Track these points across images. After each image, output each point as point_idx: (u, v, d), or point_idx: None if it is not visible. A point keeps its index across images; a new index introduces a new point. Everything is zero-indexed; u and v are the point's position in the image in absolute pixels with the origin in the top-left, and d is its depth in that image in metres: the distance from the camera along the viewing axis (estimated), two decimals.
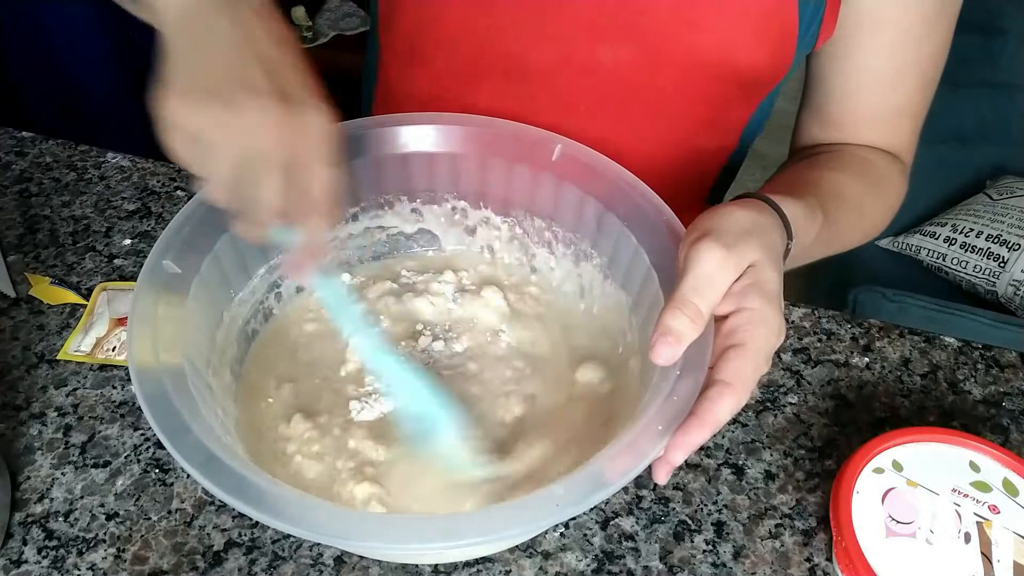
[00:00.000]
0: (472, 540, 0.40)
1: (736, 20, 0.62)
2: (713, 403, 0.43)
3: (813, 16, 0.63)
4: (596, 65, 0.66)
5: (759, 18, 0.62)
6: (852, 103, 0.70)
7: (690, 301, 0.44)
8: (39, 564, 0.54)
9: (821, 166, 0.68)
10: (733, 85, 0.67)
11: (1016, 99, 1.41)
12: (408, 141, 0.61)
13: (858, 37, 0.66)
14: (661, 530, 0.57)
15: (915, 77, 0.68)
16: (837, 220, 0.61)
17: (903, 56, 0.67)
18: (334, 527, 0.41)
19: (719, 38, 0.63)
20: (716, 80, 0.67)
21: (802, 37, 0.64)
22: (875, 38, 0.66)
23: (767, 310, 0.45)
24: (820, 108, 0.72)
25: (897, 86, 0.69)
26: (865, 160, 0.70)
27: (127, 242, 0.74)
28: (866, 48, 0.66)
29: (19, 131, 0.85)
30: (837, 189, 0.63)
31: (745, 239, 0.46)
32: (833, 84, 0.70)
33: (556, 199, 0.61)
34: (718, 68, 0.65)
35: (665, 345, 0.44)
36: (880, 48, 0.66)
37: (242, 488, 0.41)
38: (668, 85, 0.67)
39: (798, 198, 0.55)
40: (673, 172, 0.57)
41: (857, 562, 0.51)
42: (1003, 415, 0.65)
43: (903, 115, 0.71)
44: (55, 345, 0.66)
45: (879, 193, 0.69)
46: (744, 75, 0.66)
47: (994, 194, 1.37)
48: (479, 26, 0.67)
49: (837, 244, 0.66)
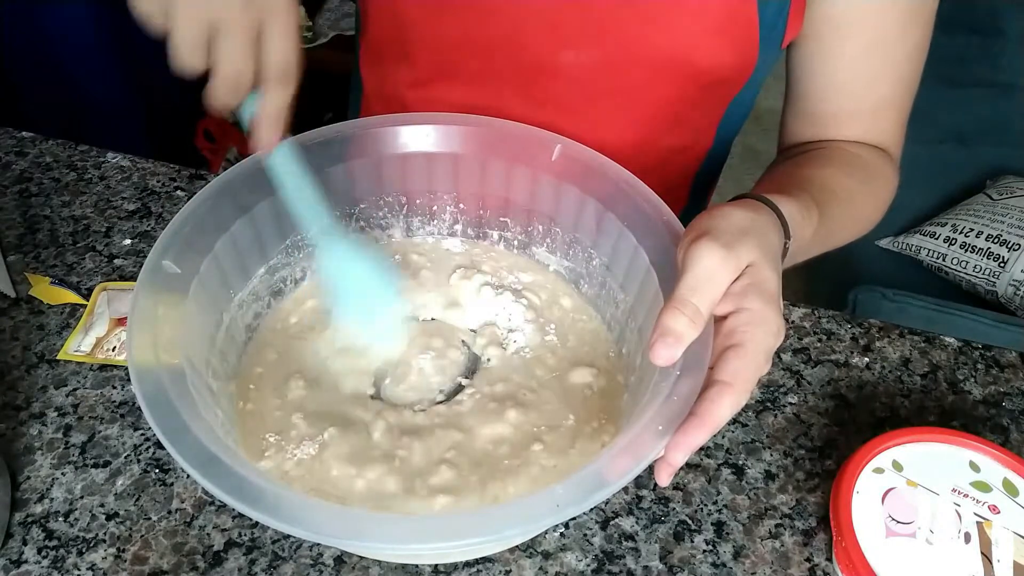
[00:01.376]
0: (471, 541, 0.40)
1: (696, 20, 0.63)
2: (713, 403, 0.43)
3: (777, 15, 0.64)
4: (560, 67, 0.67)
5: (719, 18, 0.63)
6: (833, 101, 0.70)
7: (689, 301, 0.44)
8: (39, 564, 0.54)
9: (810, 164, 0.68)
10: (697, 84, 0.68)
11: (1016, 99, 1.41)
12: (407, 141, 0.61)
13: (834, 37, 0.66)
14: (661, 530, 0.57)
15: (895, 74, 0.69)
16: (832, 216, 0.61)
17: (882, 54, 0.67)
18: (333, 527, 0.41)
19: (680, 38, 0.64)
20: (680, 80, 0.67)
21: (765, 36, 0.64)
22: (851, 38, 0.66)
23: (766, 310, 0.45)
24: (802, 106, 0.72)
25: (877, 83, 0.69)
26: (853, 155, 0.70)
27: (127, 242, 0.74)
28: (843, 47, 0.67)
29: (19, 131, 0.85)
30: (829, 185, 0.64)
31: (743, 239, 0.46)
32: (813, 83, 0.70)
33: (556, 199, 0.61)
34: (681, 68, 0.66)
35: (664, 346, 0.44)
36: (857, 47, 0.66)
37: (241, 488, 0.41)
38: (632, 86, 0.68)
39: (793, 197, 0.55)
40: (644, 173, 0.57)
41: (857, 562, 0.51)
42: (1003, 415, 0.65)
43: (886, 110, 0.71)
44: (55, 345, 0.66)
45: (870, 187, 0.69)
46: (708, 74, 0.67)
47: (994, 194, 1.37)
48: (445, 30, 0.68)
49: (832, 240, 0.66)
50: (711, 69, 0.66)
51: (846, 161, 0.69)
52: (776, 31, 0.65)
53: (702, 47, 0.64)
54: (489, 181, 0.63)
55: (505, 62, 0.68)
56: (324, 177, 0.60)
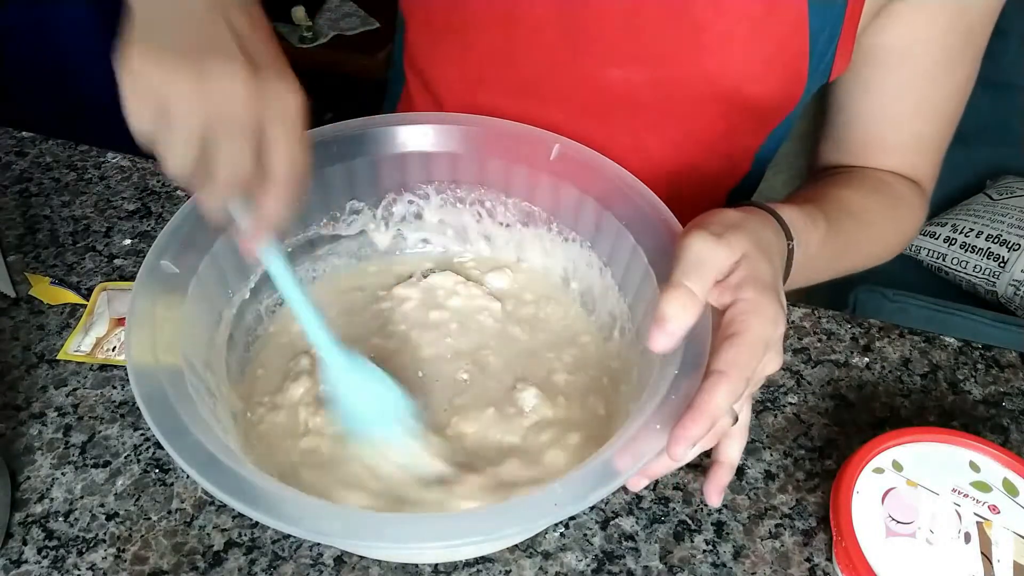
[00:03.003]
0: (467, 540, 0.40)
1: (746, 50, 0.62)
2: (707, 392, 0.43)
3: (826, 48, 0.63)
4: (607, 84, 0.66)
5: (770, 49, 0.62)
6: (872, 134, 0.70)
7: (681, 283, 0.44)
8: (39, 564, 0.54)
9: (831, 183, 0.68)
10: (744, 114, 0.67)
11: (1016, 99, 1.41)
12: (406, 140, 0.61)
13: (878, 71, 0.66)
14: (661, 530, 0.57)
15: (937, 110, 0.68)
16: (844, 231, 0.61)
17: (926, 91, 0.66)
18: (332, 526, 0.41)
19: (729, 67, 0.63)
20: (726, 108, 0.66)
21: (814, 69, 0.64)
22: (895, 73, 0.65)
23: (761, 299, 0.45)
24: (839, 137, 0.72)
25: (919, 120, 0.68)
26: (881, 180, 0.69)
27: (127, 242, 0.74)
28: (886, 82, 0.66)
29: (19, 131, 0.85)
30: (844, 203, 0.64)
31: (733, 230, 0.47)
32: (852, 114, 0.70)
33: (555, 198, 0.61)
34: (728, 97, 0.65)
35: (661, 331, 0.44)
36: (900, 83, 0.66)
37: (242, 488, 0.41)
38: (678, 110, 0.67)
39: (796, 205, 0.56)
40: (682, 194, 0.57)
41: (857, 562, 0.51)
42: (1003, 415, 0.65)
43: (924, 146, 0.70)
44: (55, 345, 0.66)
45: (893, 213, 0.69)
46: (754, 105, 0.66)
47: (994, 194, 1.37)
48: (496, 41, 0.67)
49: (848, 259, 0.66)
50: (758, 99, 0.65)
51: (871, 185, 0.68)
52: (824, 63, 0.64)
53: (751, 77, 0.63)
54: (488, 180, 0.63)
55: (552, 74, 0.67)
56: (323, 177, 0.60)
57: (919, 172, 0.72)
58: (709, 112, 0.67)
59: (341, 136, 0.60)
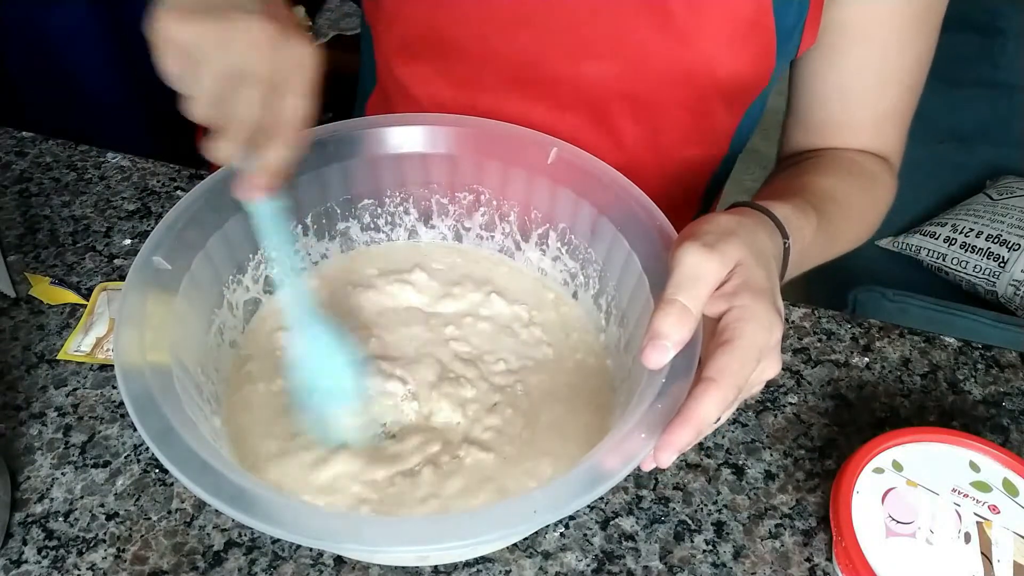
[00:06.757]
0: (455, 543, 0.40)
1: (716, 31, 0.63)
2: (696, 400, 0.43)
3: (794, 25, 0.64)
4: (582, 78, 0.67)
5: (738, 29, 0.63)
6: (837, 110, 0.70)
7: (675, 299, 0.44)
8: (39, 564, 0.54)
9: (807, 172, 0.68)
10: (716, 95, 0.68)
11: (1016, 99, 1.41)
12: (402, 142, 0.61)
13: (841, 46, 0.66)
14: (661, 530, 0.57)
15: (900, 83, 0.69)
16: (832, 221, 0.61)
17: (887, 64, 0.67)
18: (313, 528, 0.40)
19: (700, 50, 0.64)
20: (699, 91, 0.67)
21: (782, 45, 0.65)
22: (858, 47, 0.66)
23: (756, 306, 0.45)
24: (805, 116, 0.72)
25: (882, 93, 0.69)
26: (852, 161, 0.70)
27: (127, 242, 0.74)
28: (849, 57, 0.67)
29: (19, 131, 0.85)
30: (827, 191, 0.64)
31: (727, 238, 0.46)
32: (817, 92, 0.70)
33: (551, 202, 0.61)
34: (701, 79, 0.66)
35: (653, 348, 0.44)
36: (863, 57, 0.67)
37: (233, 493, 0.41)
38: (653, 97, 0.68)
39: (787, 200, 0.55)
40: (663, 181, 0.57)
41: (857, 562, 0.51)
42: (1003, 415, 0.65)
43: (889, 120, 0.71)
44: (55, 345, 0.66)
45: (869, 193, 0.69)
46: (726, 85, 0.67)
47: (994, 194, 1.37)
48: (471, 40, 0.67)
49: (835, 247, 0.66)
50: (730, 79, 0.66)
51: (845, 168, 0.69)
52: (792, 40, 0.65)
53: (722, 58, 0.64)
54: (484, 182, 0.63)
55: (528, 72, 0.68)
56: (322, 177, 0.60)
57: (887, 147, 0.72)
58: (683, 97, 0.68)
59: (338, 136, 0.60)
